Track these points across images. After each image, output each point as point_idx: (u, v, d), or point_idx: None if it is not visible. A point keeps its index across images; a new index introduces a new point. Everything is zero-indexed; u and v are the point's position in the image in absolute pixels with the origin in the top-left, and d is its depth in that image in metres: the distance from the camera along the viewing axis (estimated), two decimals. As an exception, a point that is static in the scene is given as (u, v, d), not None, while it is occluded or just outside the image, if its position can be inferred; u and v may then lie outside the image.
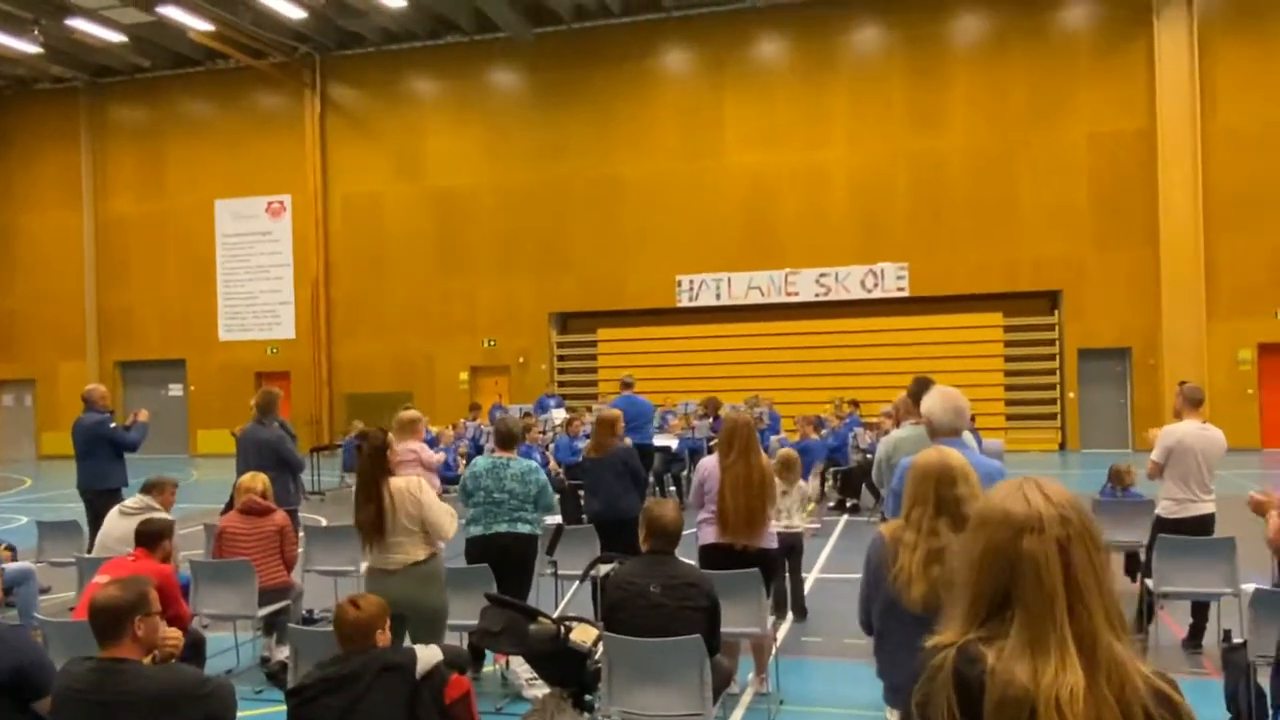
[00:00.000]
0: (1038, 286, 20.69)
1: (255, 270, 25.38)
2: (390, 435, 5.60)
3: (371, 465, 5.26)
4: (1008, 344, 20.97)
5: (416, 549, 5.25)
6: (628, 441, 8.16)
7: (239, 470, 8.26)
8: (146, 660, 3.66)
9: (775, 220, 21.78)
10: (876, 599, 3.36)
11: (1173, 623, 7.25)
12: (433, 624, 5.26)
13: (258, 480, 7.03)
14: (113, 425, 9.48)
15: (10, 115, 26.76)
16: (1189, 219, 19.29)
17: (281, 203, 25.09)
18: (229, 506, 7.72)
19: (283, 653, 6.85)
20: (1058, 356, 20.77)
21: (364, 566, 5.58)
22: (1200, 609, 6.84)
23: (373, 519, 5.17)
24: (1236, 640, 5.34)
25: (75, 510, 9.65)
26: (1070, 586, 1.61)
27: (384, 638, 3.92)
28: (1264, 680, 4.79)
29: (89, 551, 7.74)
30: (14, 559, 8.43)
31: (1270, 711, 4.69)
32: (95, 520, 8.70)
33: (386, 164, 24.25)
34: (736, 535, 5.84)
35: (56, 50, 23.65)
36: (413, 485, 5.29)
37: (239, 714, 3.81)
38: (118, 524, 7.00)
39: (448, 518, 5.36)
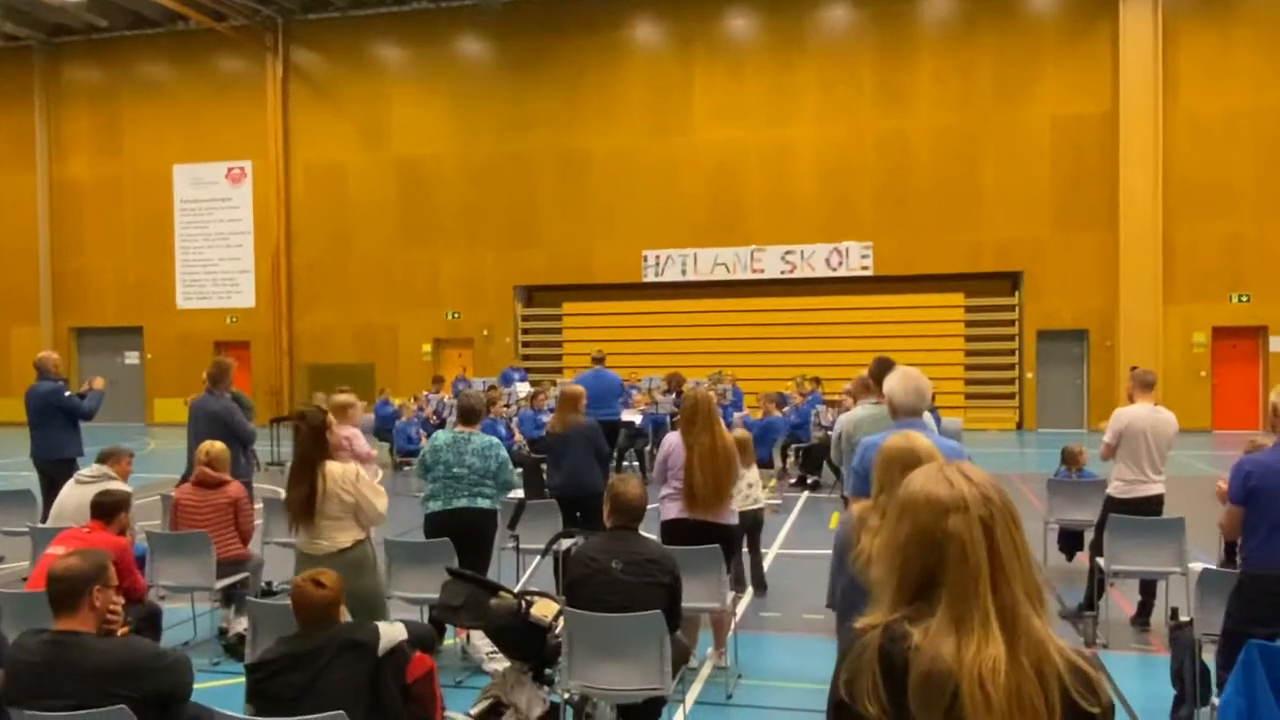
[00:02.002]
0: (999, 268, 20.91)
1: (214, 237, 24.97)
2: (330, 416, 5.48)
3: (309, 445, 5.13)
4: (968, 324, 21.21)
5: (342, 535, 5.12)
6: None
7: (189, 441, 8.15)
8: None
9: (742, 197, 21.80)
10: (841, 577, 3.37)
11: (1123, 600, 7.42)
12: (368, 609, 5.13)
13: (208, 451, 6.94)
14: (67, 393, 9.31)
15: (-40, 73, 26.04)
16: (1148, 203, 19.57)
17: (242, 169, 24.67)
18: (185, 478, 7.64)
19: (241, 624, 6.82)
20: (1017, 337, 21.05)
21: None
22: (1149, 587, 6.99)
23: (303, 500, 5.05)
24: (1184, 618, 5.47)
25: (29, 479, 9.50)
26: (994, 563, 1.66)
27: (344, 614, 3.91)
28: (1209, 657, 4.92)
29: (43, 521, 7.63)
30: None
31: (1214, 688, 4.82)
32: (50, 490, 8.58)
33: (350, 132, 23.91)
34: (707, 509, 5.88)
35: (10, 7, 23.02)
36: (349, 474, 5.15)
37: (196, 686, 3.79)
38: (74, 493, 6.91)
39: (381, 501, 5.26)
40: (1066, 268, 20.34)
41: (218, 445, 7.02)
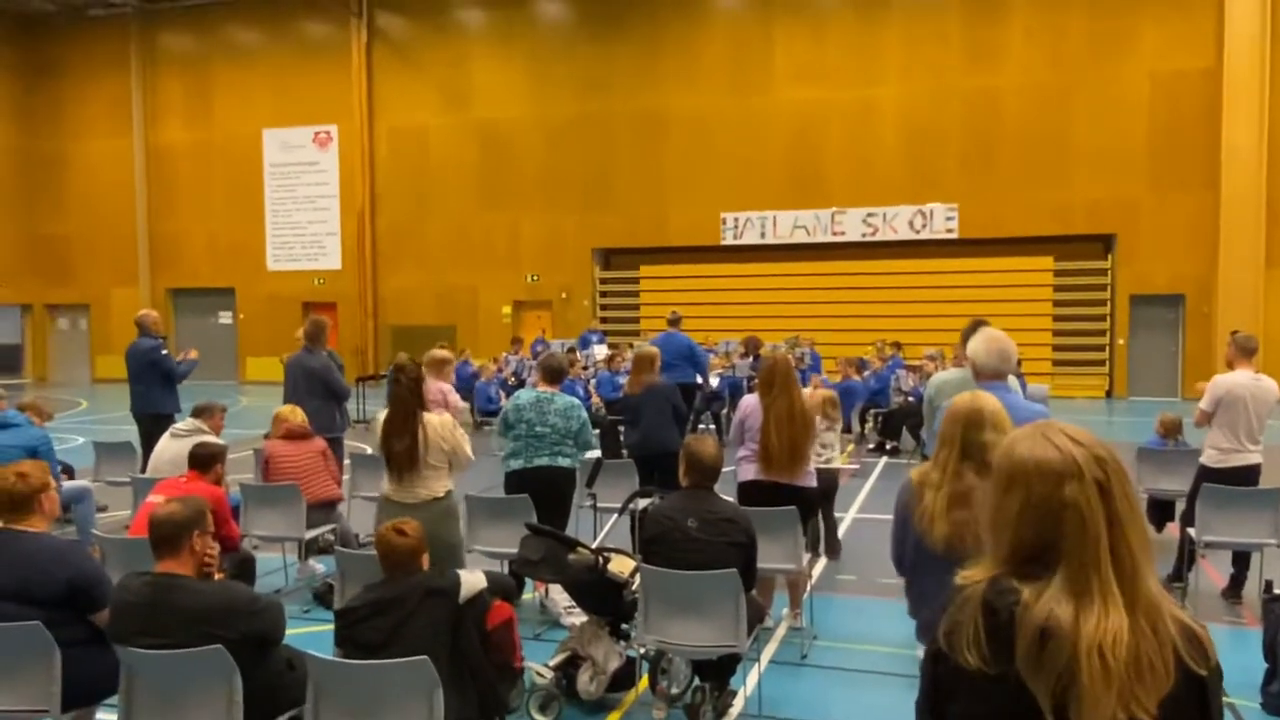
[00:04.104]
0: (1091, 230, 20.23)
1: (302, 200, 25.55)
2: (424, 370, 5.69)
3: (409, 397, 5.34)
4: (1058, 288, 20.60)
5: (438, 484, 5.33)
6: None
7: (286, 396, 8.42)
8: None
9: (823, 158, 21.44)
10: (907, 539, 3.42)
11: (1213, 571, 7.21)
12: (449, 558, 5.29)
13: (296, 413, 7.32)
14: (164, 353, 9.68)
15: (62, 43, 26.94)
16: (1252, 161, 18.67)
17: (328, 133, 25.14)
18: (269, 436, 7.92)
19: (316, 568, 7.22)
20: (1109, 302, 20.39)
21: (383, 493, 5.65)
22: (1241, 559, 6.78)
23: (406, 451, 5.24)
24: (1278, 591, 5.30)
25: (129, 432, 9.92)
26: (1112, 527, 1.60)
27: (426, 562, 4.03)
28: (1304, 631, 4.76)
29: (142, 472, 7.97)
30: (72, 478, 8.71)
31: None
32: (149, 443, 8.96)
33: (432, 95, 24.15)
34: (780, 471, 5.87)
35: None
36: (446, 422, 5.42)
37: (288, 631, 3.94)
38: (169, 446, 7.21)
39: (468, 446, 5.54)
40: (1162, 230, 19.57)
41: (300, 410, 7.44)
